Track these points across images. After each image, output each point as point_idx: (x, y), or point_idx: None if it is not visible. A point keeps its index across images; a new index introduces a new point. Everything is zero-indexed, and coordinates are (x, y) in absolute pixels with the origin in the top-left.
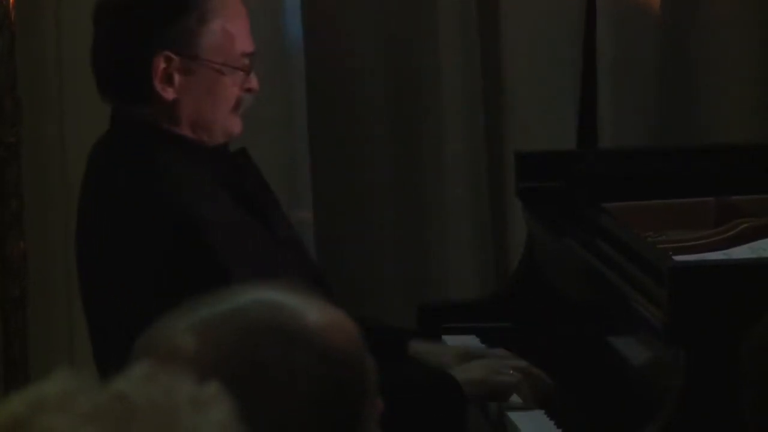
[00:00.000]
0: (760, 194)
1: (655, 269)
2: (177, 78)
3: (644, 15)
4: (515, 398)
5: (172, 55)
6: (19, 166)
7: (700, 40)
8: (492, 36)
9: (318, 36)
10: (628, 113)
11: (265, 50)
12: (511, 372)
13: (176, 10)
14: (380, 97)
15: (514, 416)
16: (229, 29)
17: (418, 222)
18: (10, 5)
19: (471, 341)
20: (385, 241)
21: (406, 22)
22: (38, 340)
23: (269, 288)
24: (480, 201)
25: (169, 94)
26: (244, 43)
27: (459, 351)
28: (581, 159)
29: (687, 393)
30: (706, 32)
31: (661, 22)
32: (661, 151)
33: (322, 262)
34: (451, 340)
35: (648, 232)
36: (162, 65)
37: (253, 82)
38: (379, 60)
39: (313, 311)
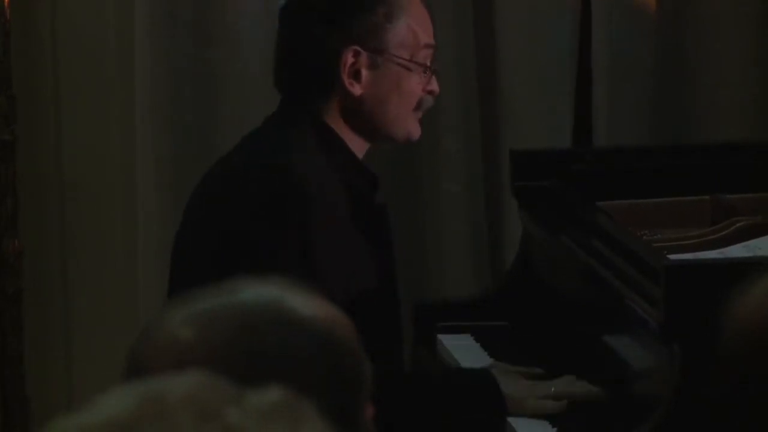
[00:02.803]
0: (756, 193)
1: (650, 268)
2: (364, 73)
3: (640, 13)
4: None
5: (360, 50)
6: (14, 164)
7: (695, 39)
8: (487, 34)
9: None
10: (623, 111)
11: (262, 48)
12: (552, 391)
13: (364, 5)
14: None
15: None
16: (413, 25)
17: (413, 220)
18: (6, 3)
19: (466, 340)
20: None
21: None
22: (33, 337)
23: (268, 282)
24: (475, 199)
25: (357, 89)
26: (427, 36)
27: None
28: (576, 157)
29: (682, 391)
30: (702, 31)
31: (657, 21)
32: (656, 149)
33: None
34: (447, 339)
35: (643, 230)
36: (350, 60)
37: (434, 84)
38: None
39: (311, 304)
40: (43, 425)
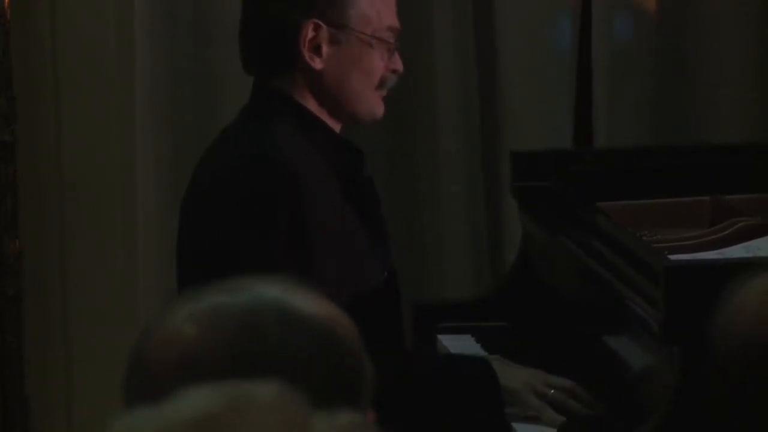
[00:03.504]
0: (755, 193)
1: (650, 268)
2: (325, 48)
3: (640, 13)
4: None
5: (321, 24)
6: (14, 164)
7: (695, 39)
8: (487, 34)
9: None
10: (623, 112)
11: None
12: (552, 393)
13: None
14: None
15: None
16: (377, 3)
17: (413, 220)
18: (5, 4)
19: (467, 341)
20: None
21: (401, 21)
22: (33, 337)
23: (270, 281)
24: (475, 200)
25: (317, 63)
26: (390, 17)
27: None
28: (576, 158)
29: (682, 391)
30: (702, 30)
31: (657, 21)
32: (656, 149)
33: None
34: (447, 340)
35: (643, 231)
36: (310, 34)
37: (398, 63)
38: None
39: (313, 303)
40: (43, 425)
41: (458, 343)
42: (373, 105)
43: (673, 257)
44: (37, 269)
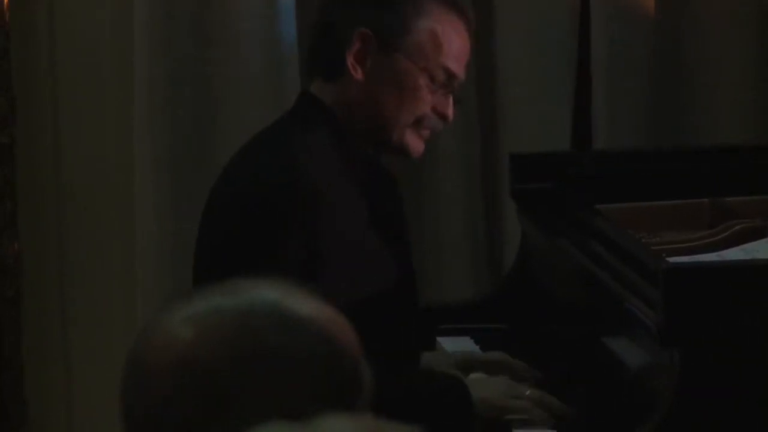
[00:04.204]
0: (754, 196)
1: (649, 270)
2: (369, 61)
3: (638, 15)
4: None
5: (371, 36)
6: (13, 166)
7: (694, 41)
8: (486, 36)
9: None
10: (622, 114)
11: (262, 48)
12: (527, 395)
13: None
14: None
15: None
16: (440, 37)
17: (412, 223)
18: (5, 5)
19: (465, 343)
20: None
21: None
22: (32, 339)
23: (268, 283)
24: (474, 202)
25: (358, 73)
26: (452, 60)
27: (460, 358)
28: (575, 160)
29: (681, 393)
30: (701, 33)
31: (656, 23)
32: (655, 152)
33: None
34: (446, 342)
35: (642, 233)
36: (357, 44)
37: (448, 109)
38: None
39: (310, 305)
40: (42, 427)
41: (457, 345)
42: (406, 137)
43: (671, 259)
44: (36, 271)
